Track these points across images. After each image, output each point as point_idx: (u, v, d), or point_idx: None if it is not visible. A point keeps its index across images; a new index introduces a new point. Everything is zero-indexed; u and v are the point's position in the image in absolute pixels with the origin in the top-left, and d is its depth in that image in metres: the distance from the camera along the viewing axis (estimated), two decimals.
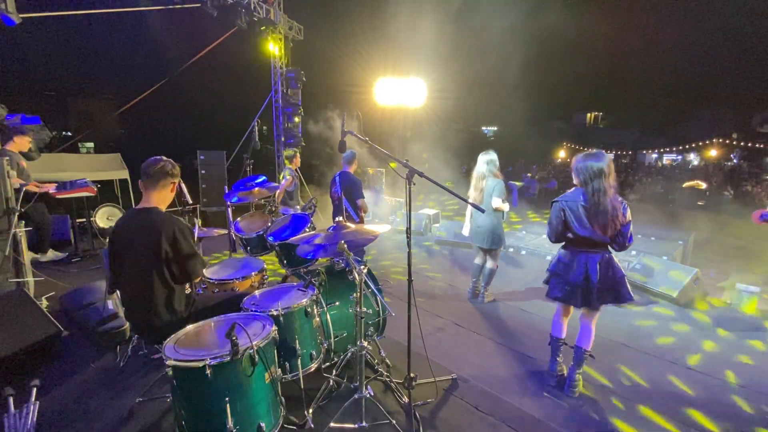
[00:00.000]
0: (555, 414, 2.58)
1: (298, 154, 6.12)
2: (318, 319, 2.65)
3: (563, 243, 2.80)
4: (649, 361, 3.25)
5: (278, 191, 5.34)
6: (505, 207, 4.09)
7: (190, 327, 2.16)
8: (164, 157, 2.41)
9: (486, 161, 4.13)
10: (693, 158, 35.04)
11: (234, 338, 1.81)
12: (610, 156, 2.62)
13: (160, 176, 2.34)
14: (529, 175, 21.27)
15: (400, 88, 10.37)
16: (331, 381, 2.66)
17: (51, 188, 4.99)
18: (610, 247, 2.67)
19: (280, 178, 5.14)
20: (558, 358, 2.89)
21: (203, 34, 9.68)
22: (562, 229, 2.72)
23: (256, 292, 2.74)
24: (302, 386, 2.47)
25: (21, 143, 4.84)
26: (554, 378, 2.87)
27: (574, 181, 2.70)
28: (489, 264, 4.35)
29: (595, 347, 2.79)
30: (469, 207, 4.23)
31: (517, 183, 4.80)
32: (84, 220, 6.06)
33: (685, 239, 6.17)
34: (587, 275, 2.62)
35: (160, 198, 2.37)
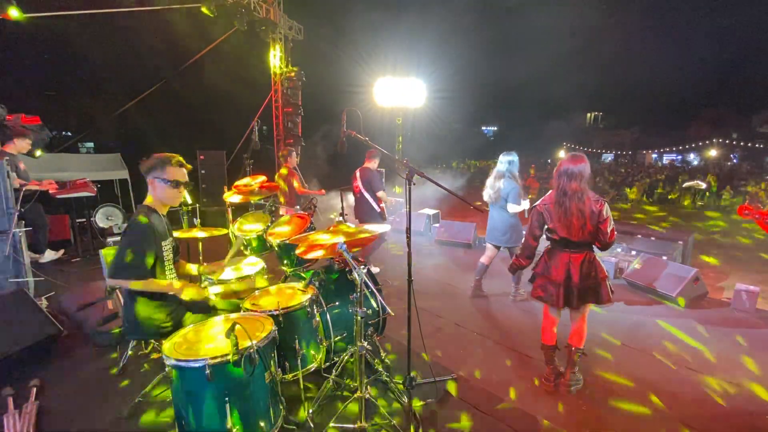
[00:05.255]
0: (555, 414, 2.59)
1: (294, 153, 6.12)
2: (318, 319, 2.65)
3: (549, 243, 2.86)
4: (648, 361, 3.25)
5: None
6: (525, 205, 4.13)
7: (190, 327, 2.16)
8: (154, 156, 2.34)
9: (507, 161, 4.12)
10: (693, 158, 35.06)
11: (234, 338, 1.81)
12: (586, 162, 2.64)
13: (145, 175, 2.33)
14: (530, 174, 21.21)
15: (400, 88, 10.36)
16: (331, 381, 2.66)
17: (52, 187, 4.99)
18: (594, 247, 2.70)
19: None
20: (553, 363, 2.89)
21: (203, 34, 9.68)
22: (539, 232, 2.83)
23: (256, 292, 2.74)
24: (302, 386, 2.48)
25: (21, 145, 4.80)
26: (552, 380, 2.86)
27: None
28: None
29: (594, 346, 2.79)
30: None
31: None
32: (84, 220, 6.06)
33: (685, 239, 6.16)
34: (568, 274, 2.65)
35: (152, 196, 2.36)
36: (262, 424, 1.97)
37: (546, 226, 2.80)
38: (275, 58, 10.16)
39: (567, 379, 2.79)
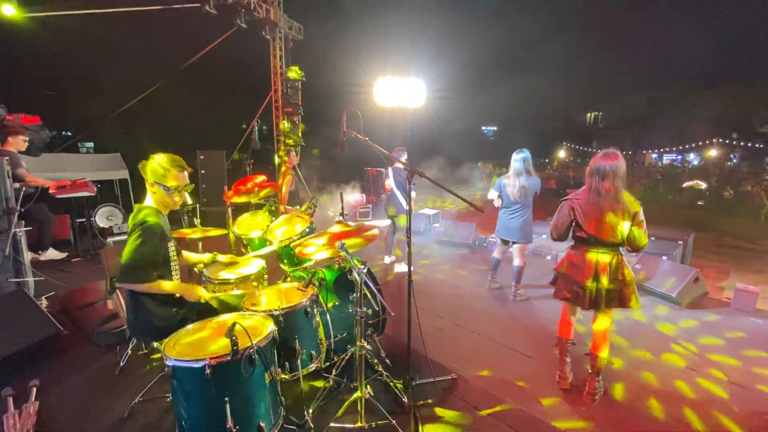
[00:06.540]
0: (555, 414, 2.58)
1: (293, 152, 6.12)
2: (318, 319, 2.65)
3: (573, 242, 2.76)
4: (647, 362, 3.25)
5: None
6: None
7: (189, 327, 2.16)
8: (156, 160, 2.31)
9: (522, 158, 4.14)
10: (693, 158, 35.01)
11: (234, 338, 1.81)
12: (619, 158, 2.53)
13: (146, 177, 2.32)
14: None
15: (400, 88, 10.37)
16: (331, 381, 2.66)
17: (53, 186, 4.98)
18: (622, 249, 2.61)
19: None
20: (567, 357, 2.82)
21: (203, 34, 9.68)
22: (566, 228, 2.71)
23: (256, 292, 2.74)
24: (302, 386, 2.48)
25: (15, 143, 4.69)
26: (567, 377, 2.81)
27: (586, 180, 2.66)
28: (516, 261, 4.38)
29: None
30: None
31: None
32: (84, 220, 6.06)
33: (685, 239, 6.16)
34: (596, 276, 2.55)
35: (150, 196, 2.37)
36: (262, 424, 1.97)
37: (575, 223, 2.68)
38: (275, 58, 10.17)
39: (592, 388, 2.69)
